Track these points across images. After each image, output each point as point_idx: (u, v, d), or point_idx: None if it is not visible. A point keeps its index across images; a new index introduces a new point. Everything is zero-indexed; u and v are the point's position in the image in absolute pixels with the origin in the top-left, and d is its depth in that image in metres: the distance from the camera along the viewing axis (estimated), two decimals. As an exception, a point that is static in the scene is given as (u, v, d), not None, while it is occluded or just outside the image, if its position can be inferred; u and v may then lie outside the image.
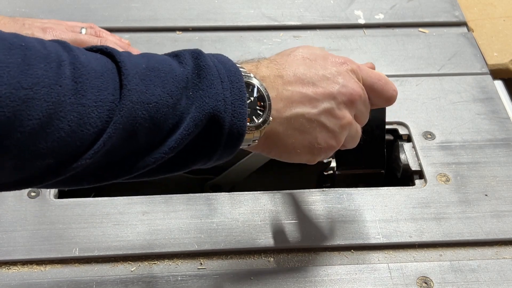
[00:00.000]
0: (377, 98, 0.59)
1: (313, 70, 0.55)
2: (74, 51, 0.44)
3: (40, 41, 0.43)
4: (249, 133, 0.51)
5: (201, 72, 0.49)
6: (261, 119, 0.51)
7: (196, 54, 0.50)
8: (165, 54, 0.51)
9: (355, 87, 0.56)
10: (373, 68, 0.63)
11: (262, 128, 0.51)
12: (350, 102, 0.56)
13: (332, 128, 0.55)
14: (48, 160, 0.42)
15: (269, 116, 0.52)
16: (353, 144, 0.60)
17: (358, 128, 0.59)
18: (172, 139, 0.47)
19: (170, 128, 0.47)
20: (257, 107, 0.51)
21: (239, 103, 0.49)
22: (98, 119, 0.43)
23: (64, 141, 0.42)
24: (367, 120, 0.60)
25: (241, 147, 0.51)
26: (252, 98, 0.51)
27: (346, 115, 0.56)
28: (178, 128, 0.47)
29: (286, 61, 0.55)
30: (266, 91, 0.52)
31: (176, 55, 0.50)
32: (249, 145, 0.52)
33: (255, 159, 0.76)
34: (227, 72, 0.50)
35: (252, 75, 0.52)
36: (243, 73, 0.51)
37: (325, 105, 0.54)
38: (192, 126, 0.47)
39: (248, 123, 0.50)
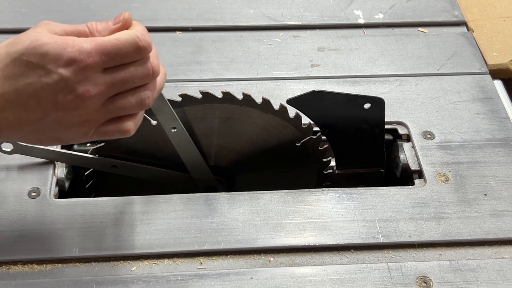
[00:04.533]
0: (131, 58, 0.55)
1: (29, 81, 0.51)
2: None
3: None
4: None
5: None
6: None
7: None
8: None
9: (81, 91, 0.52)
10: (127, 24, 0.59)
11: None
12: (79, 103, 0.53)
13: (66, 125, 0.54)
14: None
15: None
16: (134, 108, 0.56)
17: (119, 104, 0.55)
18: None
19: None
20: None
21: None
22: None
23: None
24: (154, 74, 0.56)
25: None
26: None
27: (82, 117, 0.54)
28: None
29: (10, 71, 0.51)
30: None
31: None
32: None
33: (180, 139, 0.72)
34: None
35: None
36: None
37: (51, 117, 0.53)
38: None
39: None
